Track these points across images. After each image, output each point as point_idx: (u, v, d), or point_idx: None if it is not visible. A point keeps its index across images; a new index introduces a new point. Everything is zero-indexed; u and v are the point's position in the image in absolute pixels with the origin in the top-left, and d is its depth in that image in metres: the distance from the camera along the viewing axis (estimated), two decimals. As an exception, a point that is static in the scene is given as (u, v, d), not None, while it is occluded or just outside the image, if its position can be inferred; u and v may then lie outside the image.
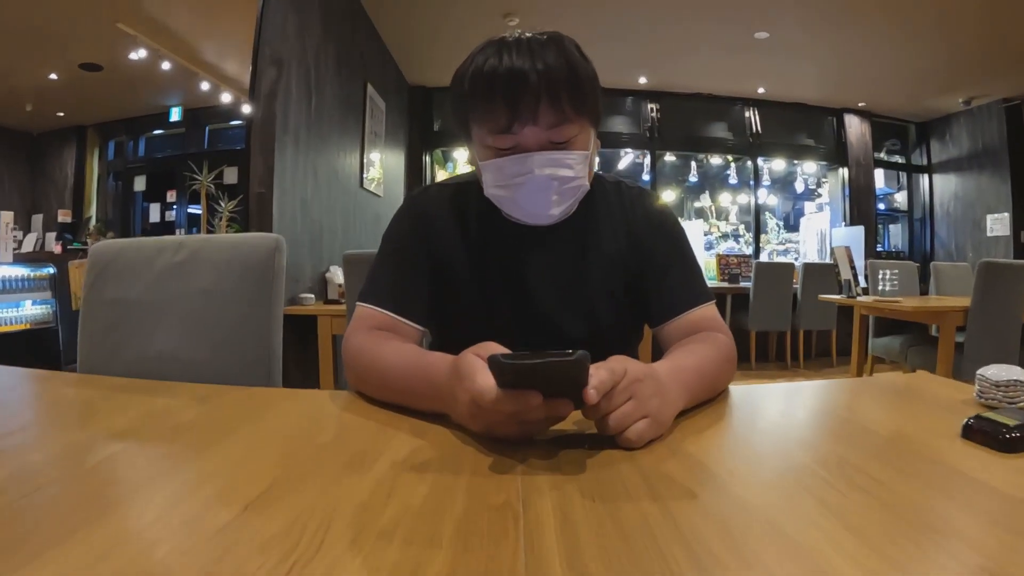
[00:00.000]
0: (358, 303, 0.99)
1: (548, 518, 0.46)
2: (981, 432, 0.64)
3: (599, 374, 0.61)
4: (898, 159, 7.61)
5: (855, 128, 7.04)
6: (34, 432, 0.74)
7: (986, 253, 6.21)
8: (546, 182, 0.88)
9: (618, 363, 0.64)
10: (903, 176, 7.65)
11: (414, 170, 6.62)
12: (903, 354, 3.50)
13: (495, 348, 0.65)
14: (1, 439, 0.67)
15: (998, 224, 6.41)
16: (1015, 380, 0.78)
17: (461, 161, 7.06)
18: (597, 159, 1.00)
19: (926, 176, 7.47)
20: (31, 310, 4.45)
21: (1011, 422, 0.63)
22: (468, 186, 1.04)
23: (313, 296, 3.52)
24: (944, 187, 7.24)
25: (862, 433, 0.69)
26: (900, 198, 7.64)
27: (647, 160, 7.02)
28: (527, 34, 0.89)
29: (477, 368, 0.64)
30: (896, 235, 7.79)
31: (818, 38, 5.22)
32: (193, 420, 0.77)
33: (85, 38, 5.14)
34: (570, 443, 0.65)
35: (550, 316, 1.00)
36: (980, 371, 0.82)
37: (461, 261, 1.01)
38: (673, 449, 0.63)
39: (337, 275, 3.75)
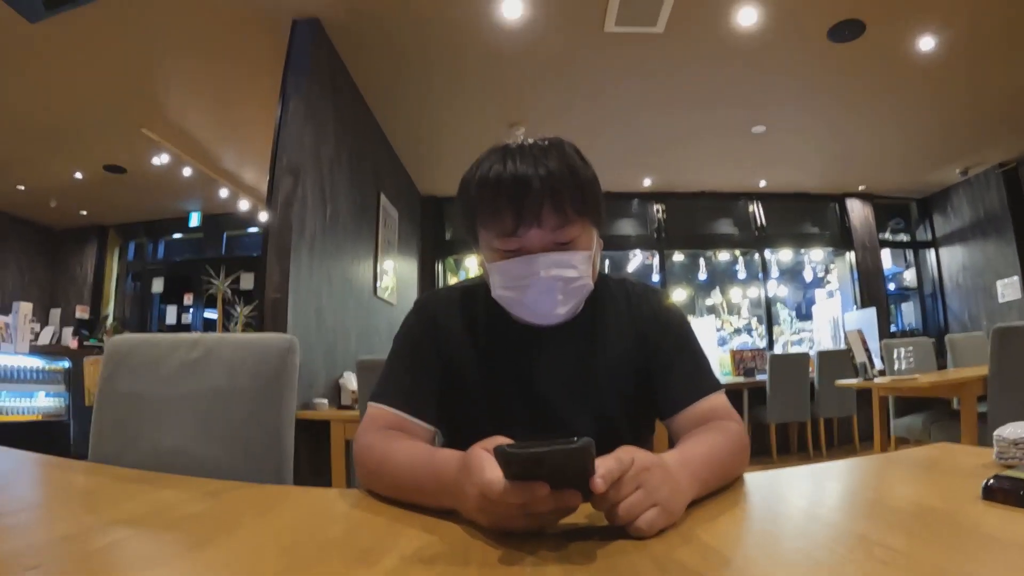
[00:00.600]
0: (369, 403, 1.00)
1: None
2: (1001, 491, 0.63)
3: (606, 463, 0.61)
4: (903, 237, 7.70)
5: (858, 211, 7.16)
6: (40, 512, 0.75)
7: (1000, 320, 6.12)
8: (551, 283, 0.91)
9: (626, 453, 0.64)
10: (910, 254, 7.72)
11: (426, 278, 6.76)
12: (926, 431, 3.41)
13: (502, 442, 0.65)
14: (6, 516, 0.67)
15: (1009, 289, 6.37)
16: (1032, 435, 0.77)
17: (472, 269, 7.21)
18: (602, 260, 1.03)
19: (932, 251, 7.52)
20: (44, 402, 4.46)
21: (1032, 476, 0.62)
22: (476, 289, 1.06)
23: (326, 401, 3.52)
24: (951, 259, 7.26)
25: (882, 508, 0.68)
26: (909, 276, 7.67)
27: (656, 260, 7.16)
28: (529, 140, 0.95)
29: (485, 462, 0.64)
30: (909, 313, 7.76)
31: (813, 127, 5.41)
32: (201, 512, 0.77)
33: (111, 140, 5.36)
34: (580, 535, 0.64)
35: (560, 416, 1.00)
36: (997, 432, 0.81)
37: (470, 363, 1.02)
38: (686, 536, 0.61)
39: (350, 381, 3.77)
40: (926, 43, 4.00)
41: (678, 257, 7.48)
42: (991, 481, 0.65)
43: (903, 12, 3.71)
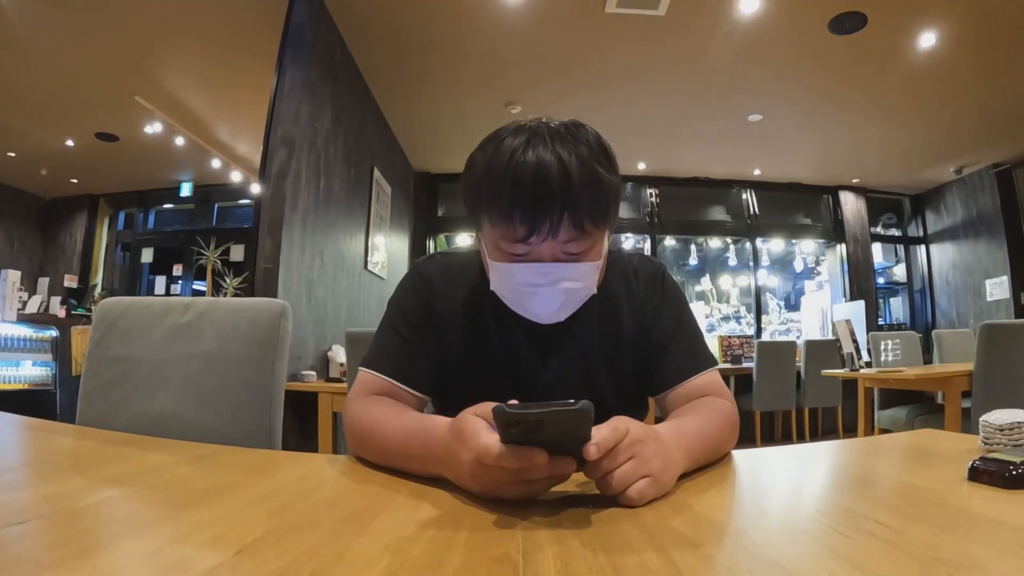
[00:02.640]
0: (360, 368, 0.99)
1: (549, 569, 0.45)
2: (987, 473, 0.64)
3: (601, 432, 0.61)
4: (895, 232, 7.74)
5: (851, 205, 7.19)
6: (26, 472, 0.75)
7: (988, 318, 6.20)
8: (557, 292, 0.87)
9: (620, 423, 0.64)
10: (900, 249, 7.77)
11: (417, 254, 6.76)
12: (910, 424, 3.45)
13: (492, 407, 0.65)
14: (-7, 473, 0.67)
15: (997, 288, 6.45)
16: (1018, 422, 0.78)
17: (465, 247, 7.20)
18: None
19: (923, 247, 7.57)
20: (31, 371, 4.41)
21: (1016, 459, 0.63)
22: (476, 263, 1.03)
23: (315, 373, 3.51)
24: (942, 257, 7.32)
25: (868, 485, 0.68)
26: (899, 271, 7.72)
27: (648, 245, 7.16)
28: (553, 122, 0.86)
29: (479, 427, 0.63)
30: (897, 308, 7.82)
31: (810, 118, 5.40)
32: (189, 474, 0.77)
33: (103, 108, 5.31)
34: (572, 503, 0.64)
35: (554, 396, 1.00)
36: (983, 417, 0.82)
37: (465, 337, 1.01)
38: (676, 507, 0.62)
39: (339, 354, 3.77)
40: (927, 39, 4.00)
41: (670, 242, 7.48)
42: (977, 463, 0.66)
43: (906, 6, 3.69)
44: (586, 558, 0.47)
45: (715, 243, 7.61)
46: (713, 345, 6.06)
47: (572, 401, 0.55)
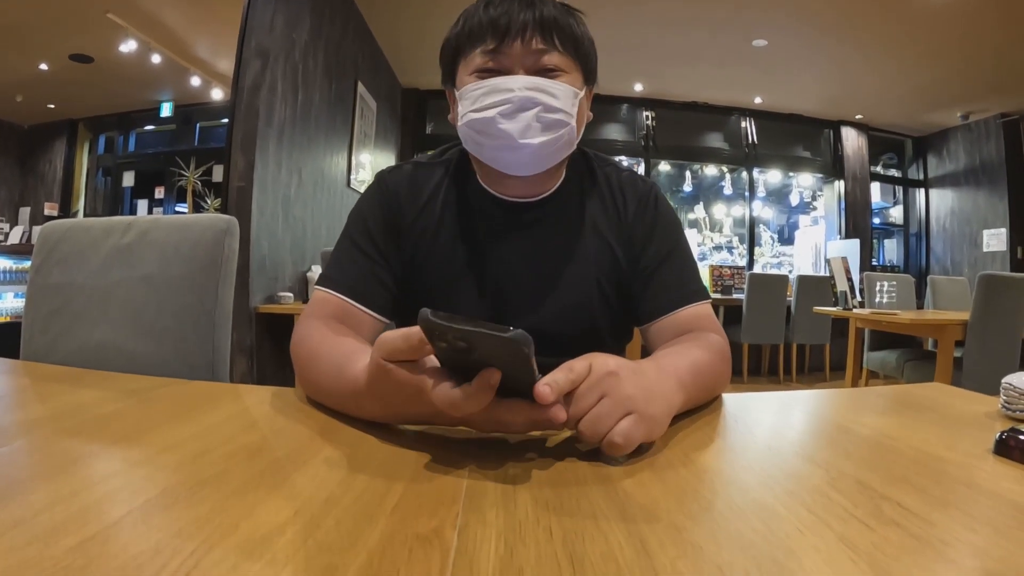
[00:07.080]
0: (316, 287, 0.91)
1: (487, 554, 0.35)
2: (1018, 448, 0.55)
3: (554, 374, 0.50)
4: (894, 173, 7.58)
5: (852, 141, 7.00)
6: None
7: (982, 268, 6.18)
8: (529, 103, 0.80)
9: (580, 360, 0.53)
10: (899, 190, 7.62)
11: (405, 173, 6.54)
12: (899, 369, 3.41)
13: (390, 339, 0.53)
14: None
15: (995, 239, 6.39)
16: (1048, 388, 0.69)
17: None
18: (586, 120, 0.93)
19: (922, 191, 7.44)
20: (12, 303, 4.36)
21: (1051, 434, 0.54)
22: (443, 165, 0.96)
23: (292, 295, 3.40)
24: (940, 202, 7.21)
25: (883, 451, 0.58)
26: (896, 213, 7.60)
27: (642, 169, 6.95)
28: None
29: (426, 376, 0.51)
30: (891, 250, 7.75)
31: (817, 48, 5.18)
32: (113, 413, 0.69)
33: (75, 28, 5.06)
34: (542, 450, 0.56)
35: (528, 311, 0.91)
36: (1006, 379, 0.73)
37: (432, 253, 0.92)
38: (657, 470, 0.52)
39: (318, 275, 3.66)
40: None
41: (664, 167, 7.28)
42: (1005, 435, 0.57)
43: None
44: (537, 541, 0.37)
45: (711, 171, 7.39)
46: (704, 274, 5.97)
47: (505, 327, 0.44)
